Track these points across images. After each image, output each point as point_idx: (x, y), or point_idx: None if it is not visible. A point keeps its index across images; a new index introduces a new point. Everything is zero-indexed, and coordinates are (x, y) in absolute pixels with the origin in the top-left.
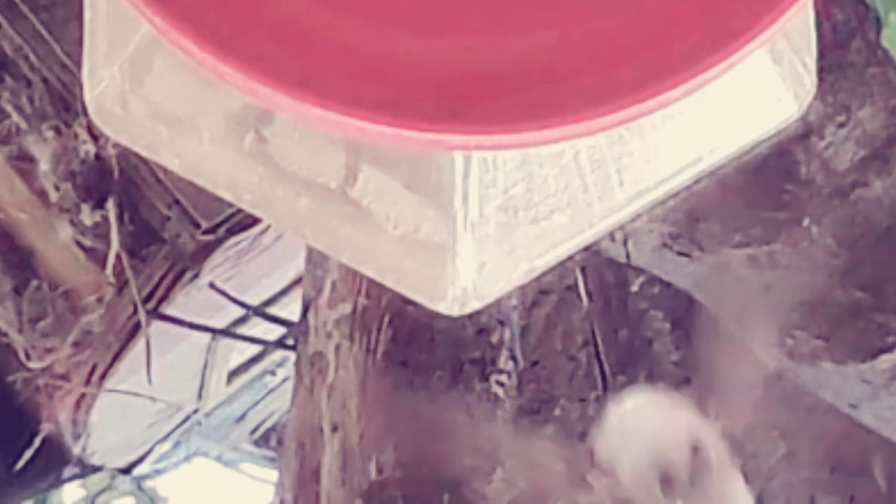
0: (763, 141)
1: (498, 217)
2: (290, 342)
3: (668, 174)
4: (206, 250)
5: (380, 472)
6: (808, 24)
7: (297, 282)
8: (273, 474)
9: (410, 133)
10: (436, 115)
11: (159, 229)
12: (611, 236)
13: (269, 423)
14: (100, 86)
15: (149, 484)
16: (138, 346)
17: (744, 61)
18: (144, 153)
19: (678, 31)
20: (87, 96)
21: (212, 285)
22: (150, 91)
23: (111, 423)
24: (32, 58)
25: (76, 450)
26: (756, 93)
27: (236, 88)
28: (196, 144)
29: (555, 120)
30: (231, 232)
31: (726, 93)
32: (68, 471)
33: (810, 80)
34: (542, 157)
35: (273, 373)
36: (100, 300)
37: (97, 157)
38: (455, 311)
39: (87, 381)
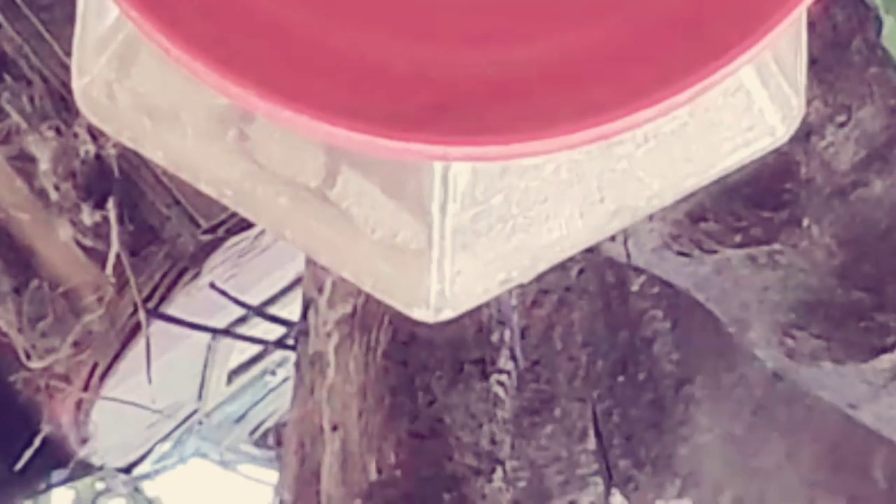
0: (750, 163)
1: (475, 226)
2: (290, 342)
3: (650, 193)
4: (206, 250)
5: (380, 472)
6: (799, 46)
7: (297, 282)
8: (272, 475)
9: (383, 141)
10: (410, 124)
11: (159, 229)
12: (611, 236)
13: (269, 423)
14: (88, 75)
15: (146, 485)
16: (138, 345)
17: (732, 81)
18: (129, 144)
19: (659, 47)
20: (75, 85)
21: (212, 285)
22: (135, 83)
23: (111, 423)
24: (32, 58)
25: (76, 450)
26: (743, 114)
27: (209, 86)
28: (179, 138)
29: (531, 134)
30: (231, 232)
31: (713, 113)
32: (68, 471)
33: (798, 104)
34: (523, 169)
35: (273, 373)
36: (100, 300)
37: (97, 156)
38: (430, 318)
39: (88, 381)
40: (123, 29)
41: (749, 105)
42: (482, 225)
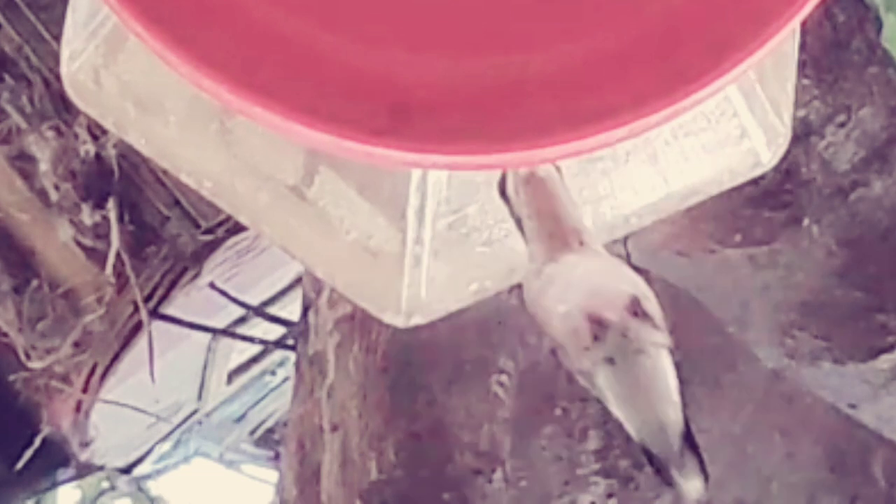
0: (735, 187)
1: (450, 234)
2: (290, 342)
3: (629, 211)
4: (206, 250)
5: (380, 472)
6: (789, 75)
7: (297, 282)
8: (273, 475)
9: (348, 144)
10: (379, 129)
11: (159, 229)
12: None
13: (269, 423)
14: (77, 60)
15: (148, 484)
16: (138, 346)
17: (717, 105)
18: (113, 130)
19: (635, 67)
20: (64, 69)
21: (212, 285)
22: (122, 69)
23: (111, 423)
24: (32, 58)
25: (77, 450)
26: (729, 139)
27: (183, 77)
28: (162, 127)
29: (507, 145)
30: (231, 232)
31: (696, 136)
32: (68, 471)
33: (785, 131)
34: None
35: (273, 373)
36: (100, 300)
37: (97, 156)
38: (400, 322)
39: (87, 382)
40: (113, 17)
41: (733, 129)
42: (457, 233)
